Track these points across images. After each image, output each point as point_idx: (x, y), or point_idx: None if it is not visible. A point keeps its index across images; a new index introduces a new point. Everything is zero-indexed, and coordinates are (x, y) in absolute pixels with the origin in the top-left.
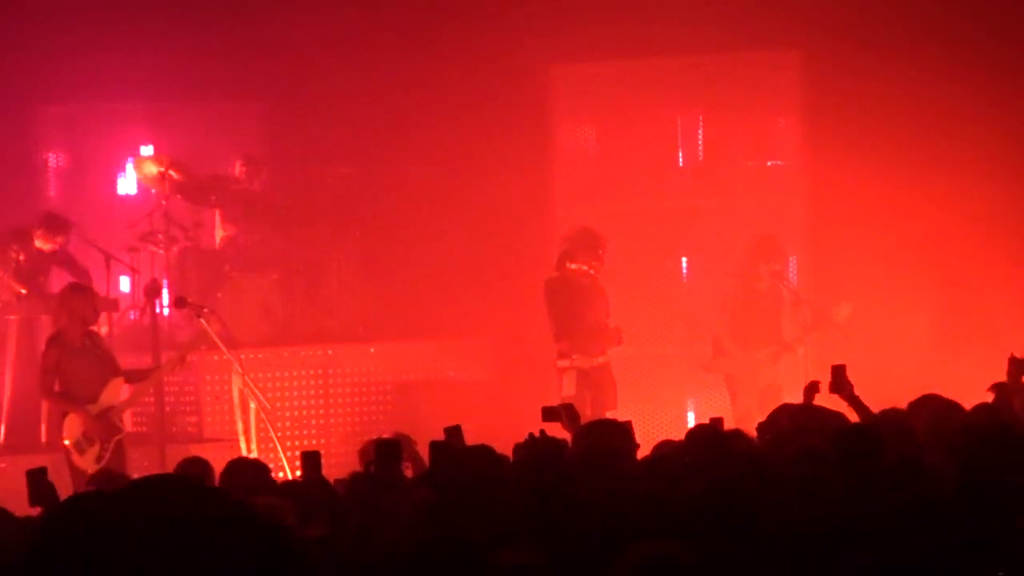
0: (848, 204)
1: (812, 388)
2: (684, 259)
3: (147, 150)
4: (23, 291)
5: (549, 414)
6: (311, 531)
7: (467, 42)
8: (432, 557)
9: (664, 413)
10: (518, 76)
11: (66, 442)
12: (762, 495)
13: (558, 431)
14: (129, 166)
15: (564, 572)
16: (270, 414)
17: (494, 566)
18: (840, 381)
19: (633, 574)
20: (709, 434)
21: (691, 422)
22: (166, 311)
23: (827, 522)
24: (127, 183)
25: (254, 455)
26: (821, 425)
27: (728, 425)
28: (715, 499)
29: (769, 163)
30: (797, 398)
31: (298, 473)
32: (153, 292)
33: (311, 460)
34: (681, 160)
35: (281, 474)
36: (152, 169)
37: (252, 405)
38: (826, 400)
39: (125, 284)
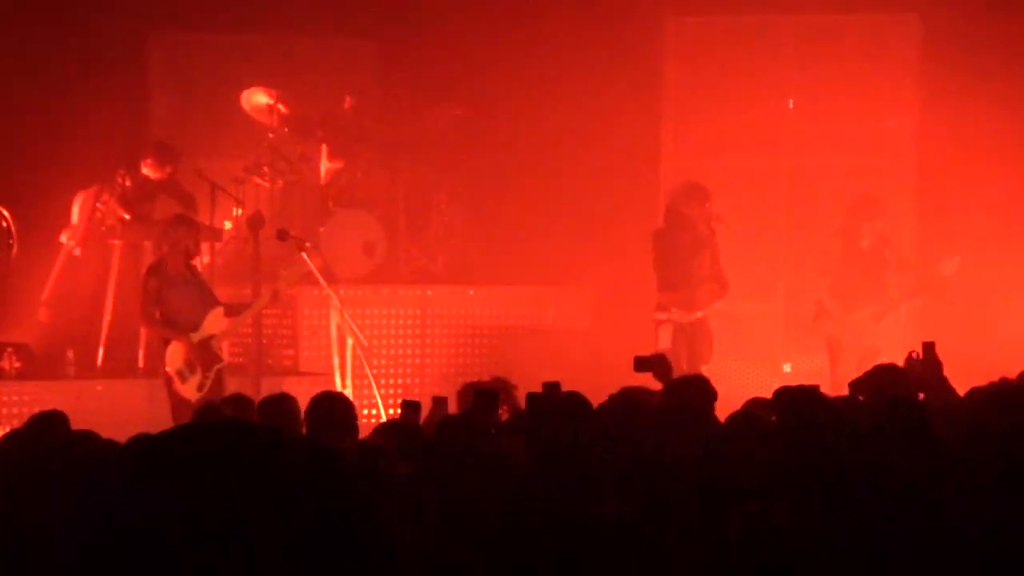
0: (959, 171)
1: (929, 347)
2: (789, 217)
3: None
4: (127, 217)
5: (641, 364)
6: (401, 468)
7: None
8: (516, 514)
9: (760, 370)
10: (633, 25)
11: (168, 369)
12: (848, 458)
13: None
14: (239, 97)
15: (656, 527)
16: (367, 351)
17: (589, 519)
18: (929, 359)
19: (739, 535)
20: (797, 395)
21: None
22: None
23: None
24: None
25: (348, 391)
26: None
27: (827, 387)
28: (803, 459)
29: (880, 123)
30: (897, 360)
31: (391, 412)
32: (257, 224)
33: (411, 409)
34: (791, 119)
35: (375, 411)
36: (261, 101)
37: (349, 341)
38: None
39: (231, 215)
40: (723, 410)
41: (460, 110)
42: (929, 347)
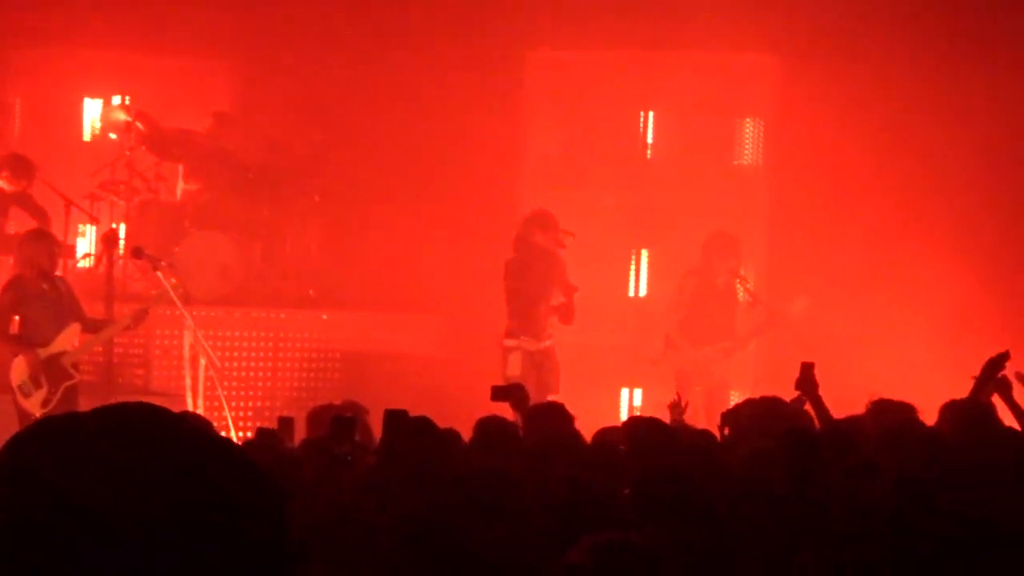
0: (811, 209)
1: (807, 368)
2: (644, 251)
3: (116, 100)
4: None
5: (499, 394)
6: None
7: (444, 19)
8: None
9: (608, 402)
10: (495, 56)
11: (13, 383)
12: (710, 489)
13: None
14: (96, 114)
15: (525, 555)
16: (219, 372)
17: (454, 548)
18: (807, 379)
19: (594, 557)
20: (651, 425)
21: (627, 413)
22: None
23: (771, 519)
24: (92, 131)
25: (200, 412)
26: (780, 423)
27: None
28: (661, 489)
29: (735, 162)
30: (745, 395)
31: (241, 434)
32: (111, 242)
33: (286, 426)
34: (649, 154)
35: (224, 433)
36: (119, 118)
37: (202, 362)
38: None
39: (83, 232)
40: None
41: (319, 135)
42: (808, 368)
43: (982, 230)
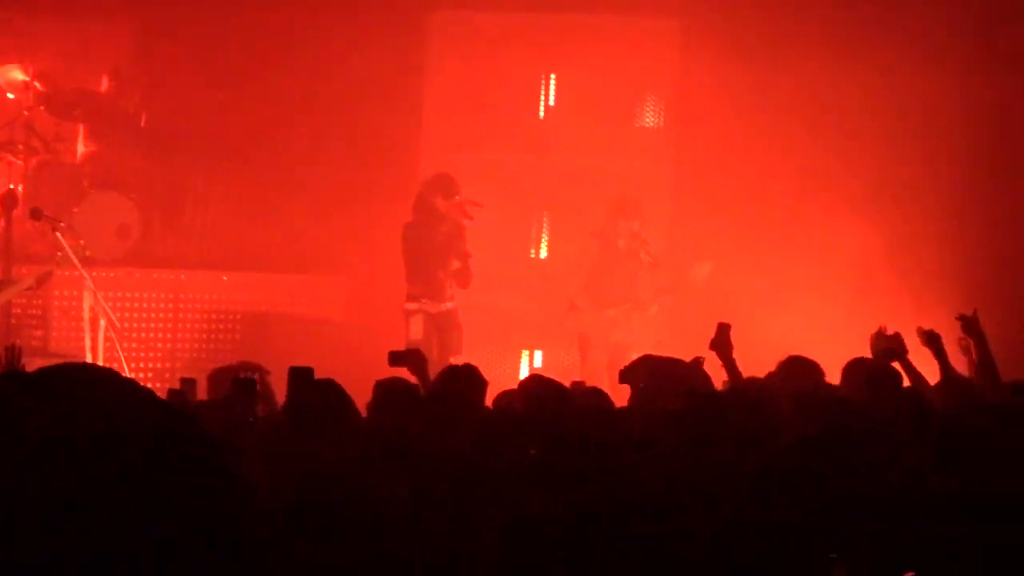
0: (714, 173)
1: (723, 329)
2: (545, 213)
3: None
4: None
5: (396, 359)
6: None
7: None
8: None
9: (509, 363)
10: (397, 16)
11: None
12: (609, 451)
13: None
14: None
15: (426, 514)
16: (119, 333)
17: (360, 501)
18: (722, 340)
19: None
20: (548, 387)
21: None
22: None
23: (672, 482)
24: None
25: None
26: (681, 383)
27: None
28: (555, 452)
29: (638, 125)
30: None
31: None
32: (9, 202)
33: (189, 386)
34: (544, 115)
35: None
36: (16, 77)
37: (102, 323)
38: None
39: None
40: None
41: (222, 94)
42: (724, 329)
43: (884, 190)
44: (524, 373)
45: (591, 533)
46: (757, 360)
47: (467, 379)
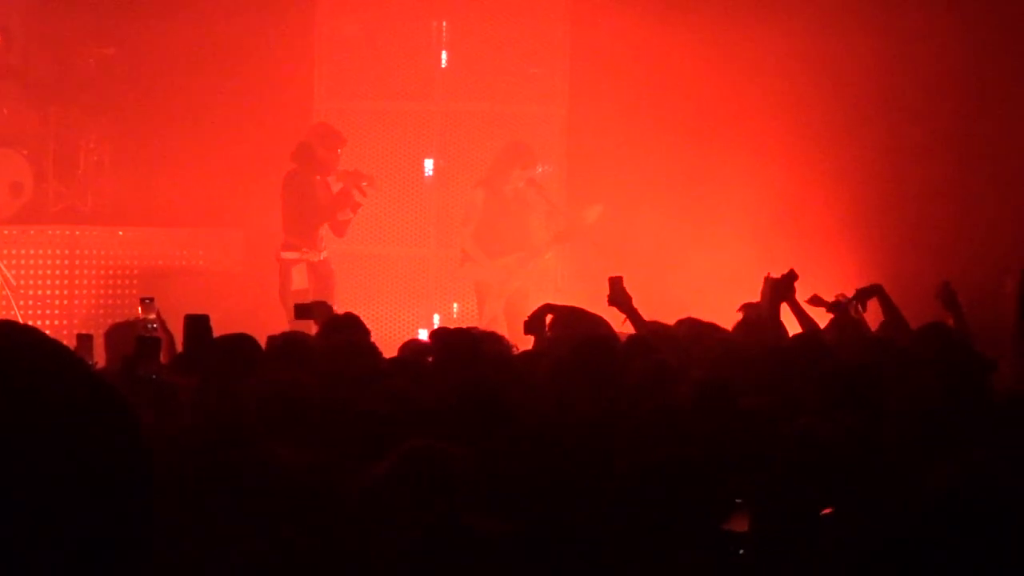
0: (610, 118)
1: (616, 282)
2: (431, 161)
3: None
4: None
5: (303, 312)
6: None
7: None
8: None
9: (411, 314)
10: None
11: None
12: (513, 397)
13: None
14: None
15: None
16: (14, 291)
17: (269, 460)
18: (617, 292)
19: (403, 468)
20: (457, 335)
21: (435, 323)
22: None
23: (574, 428)
24: None
25: None
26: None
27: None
28: (466, 399)
29: (532, 71)
30: (543, 302)
31: None
32: None
33: (85, 342)
34: (444, 63)
35: None
36: None
37: None
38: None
39: None
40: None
41: (111, 49)
42: (617, 282)
43: (786, 133)
44: (434, 323)
45: (504, 482)
46: (658, 306)
47: (352, 328)
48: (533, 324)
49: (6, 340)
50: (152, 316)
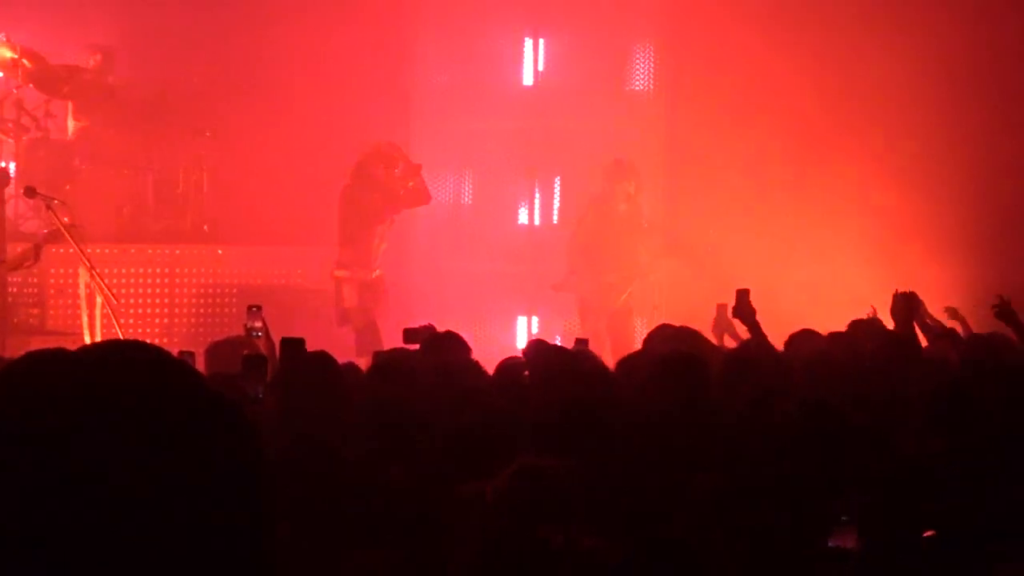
0: (705, 133)
1: (743, 295)
2: (537, 180)
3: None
4: None
5: (411, 336)
6: None
7: None
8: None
9: (503, 331)
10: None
11: None
12: (611, 414)
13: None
14: None
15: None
16: (116, 310)
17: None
18: (743, 305)
19: (515, 484)
20: (554, 352)
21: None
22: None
23: (663, 446)
24: None
25: None
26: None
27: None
28: (567, 415)
29: (627, 88)
30: (649, 322)
31: None
32: (2, 181)
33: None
34: (533, 80)
35: None
36: (5, 55)
37: (98, 300)
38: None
39: None
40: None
41: (211, 69)
42: (743, 294)
43: (888, 150)
44: (520, 341)
45: (602, 495)
46: (761, 322)
47: (454, 345)
48: (651, 343)
49: (138, 359)
50: (259, 324)
